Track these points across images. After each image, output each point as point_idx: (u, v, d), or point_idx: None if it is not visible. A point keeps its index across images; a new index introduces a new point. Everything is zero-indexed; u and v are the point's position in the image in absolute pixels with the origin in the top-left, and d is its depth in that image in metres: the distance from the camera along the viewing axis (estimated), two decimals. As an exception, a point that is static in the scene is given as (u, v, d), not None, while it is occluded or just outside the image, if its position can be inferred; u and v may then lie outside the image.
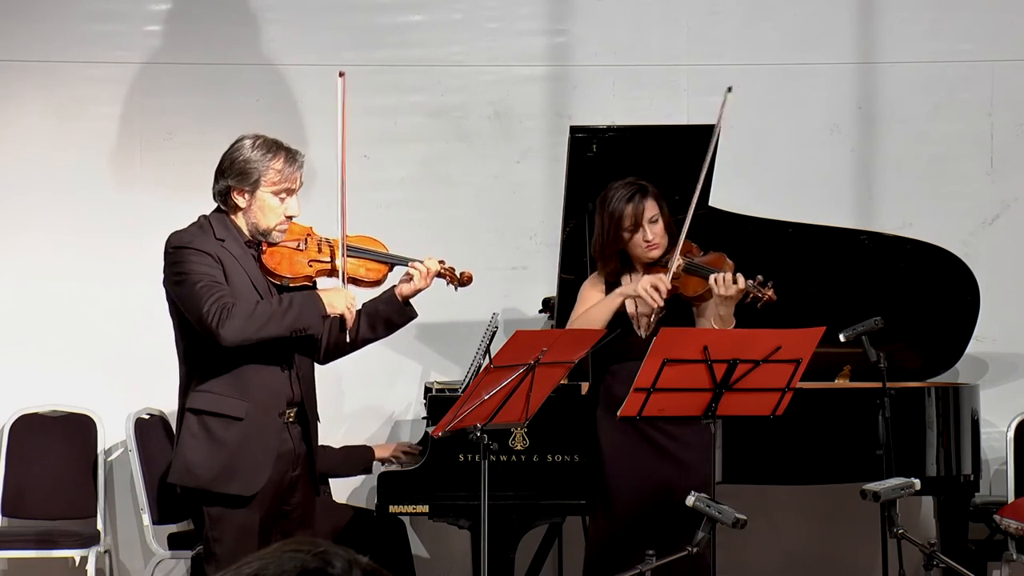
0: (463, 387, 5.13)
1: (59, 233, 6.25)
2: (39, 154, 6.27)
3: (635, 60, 6.38)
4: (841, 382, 5.72)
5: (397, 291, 4.41)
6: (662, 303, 4.72)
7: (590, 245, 4.95)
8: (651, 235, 4.81)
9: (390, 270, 4.44)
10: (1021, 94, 6.41)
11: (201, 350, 4.22)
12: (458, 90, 6.38)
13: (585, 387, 5.18)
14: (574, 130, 5.30)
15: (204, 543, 4.30)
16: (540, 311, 5.92)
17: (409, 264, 4.40)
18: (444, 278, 4.46)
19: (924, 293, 5.76)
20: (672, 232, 4.85)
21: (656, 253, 4.83)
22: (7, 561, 6.12)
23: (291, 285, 4.30)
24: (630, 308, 4.82)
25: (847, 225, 6.07)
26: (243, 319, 4.12)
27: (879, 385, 4.97)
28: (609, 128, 5.43)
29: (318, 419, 4.49)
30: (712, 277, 4.71)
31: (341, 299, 4.28)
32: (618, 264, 4.86)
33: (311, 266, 4.34)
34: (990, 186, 6.42)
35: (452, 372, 6.11)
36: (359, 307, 4.42)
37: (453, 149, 6.39)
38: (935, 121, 6.41)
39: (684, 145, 5.31)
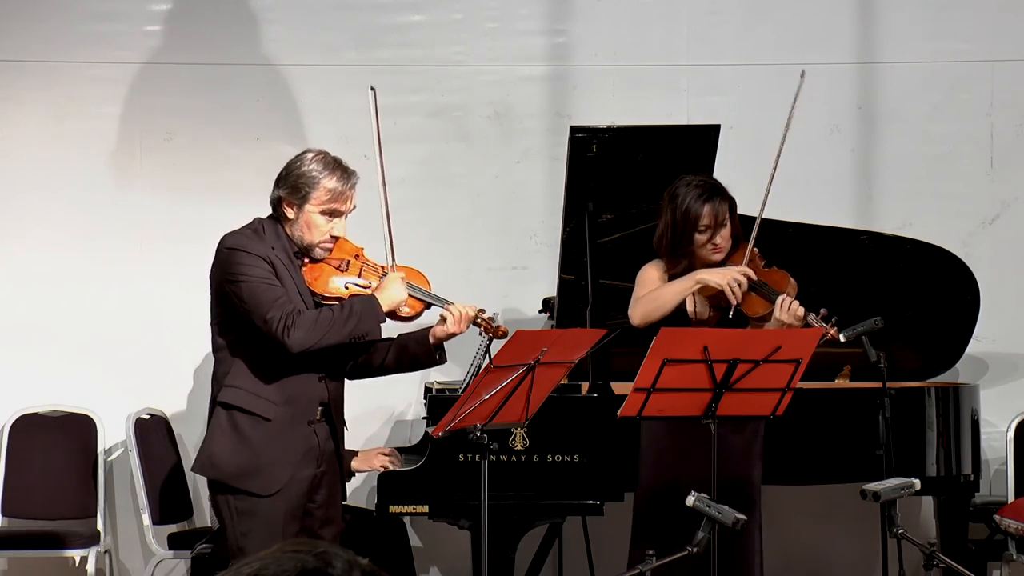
0: (463, 387, 5.13)
1: (59, 233, 6.25)
2: (39, 154, 6.27)
3: (635, 60, 6.37)
4: (841, 382, 5.72)
5: (431, 333, 4.46)
6: (741, 299, 4.68)
7: (657, 240, 4.81)
8: (719, 238, 4.76)
9: (426, 308, 4.47)
10: (1021, 94, 6.41)
11: (241, 347, 4.29)
12: (458, 90, 6.38)
13: (585, 387, 5.18)
14: (574, 130, 5.29)
15: (229, 538, 4.31)
16: (540, 311, 5.92)
17: (445, 307, 4.43)
18: (479, 327, 4.47)
19: (924, 293, 5.76)
20: (737, 234, 4.80)
21: (719, 257, 4.76)
22: (7, 561, 6.12)
23: (322, 303, 4.36)
24: (690, 306, 4.77)
25: (847, 225, 6.06)
26: (307, 328, 4.21)
27: (879, 385, 4.97)
28: (609, 128, 5.42)
29: (344, 423, 4.54)
30: (777, 300, 4.67)
31: (399, 292, 4.36)
32: (689, 263, 4.79)
33: (347, 288, 4.38)
34: (990, 186, 6.42)
35: (452, 372, 6.10)
36: (395, 336, 4.51)
37: (453, 149, 6.39)
38: (935, 121, 6.41)
39: (685, 145, 5.31)
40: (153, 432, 5.98)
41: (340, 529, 4.55)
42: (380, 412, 6.31)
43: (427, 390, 5.78)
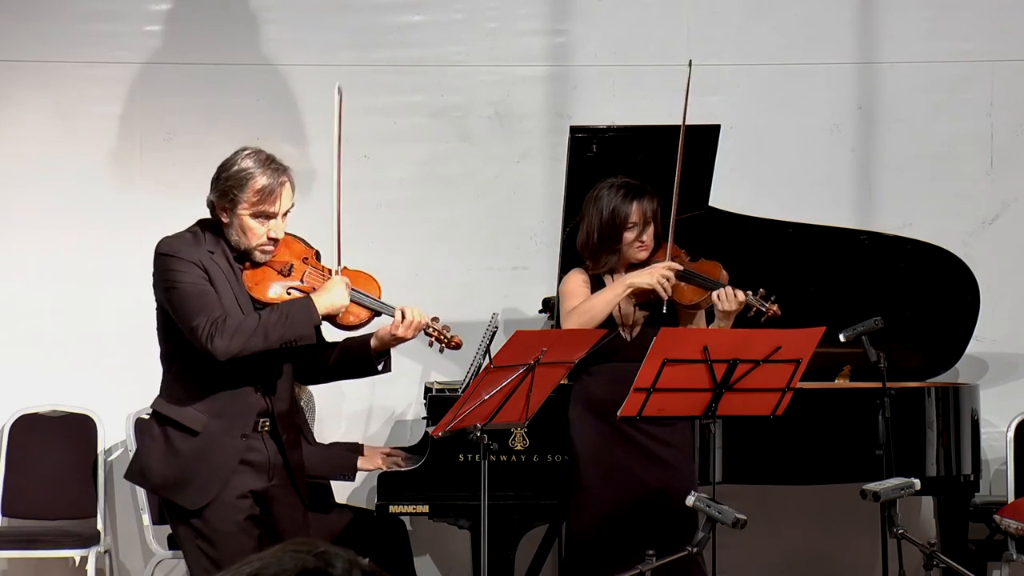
0: (463, 387, 5.13)
1: (59, 233, 6.25)
2: (39, 154, 6.27)
3: (635, 60, 6.37)
4: (841, 382, 5.72)
5: (375, 336, 4.21)
6: (671, 294, 4.74)
7: (583, 244, 4.89)
8: (646, 236, 4.82)
9: (375, 315, 4.21)
10: (1021, 94, 6.41)
11: (176, 356, 4.16)
12: (458, 90, 6.38)
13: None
14: (574, 130, 5.30)
15: (186, 555, 4.24)
16: (540, 311, 5.92)
17: (395, 309, 4.17)
18: (431, 337, 4.19)
19: (924, 293, 5.76)
20: (658, 235, 4.86)
21: (645, 255, 4.85)
22: (7, 561, 6.12)
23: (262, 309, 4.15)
24: (615, 309, 4.81)
25: (847, 225, 6.07)
26: (230, 335, 4.01)
27: (879, 385, 4.97)
28: (609, 128, 5.43)
29: (300, 432, 4.41)
30: (715, 293, 4.72)
31: (340, 295, 4.12)
32: (615, 262, 4.85)
33: (289, 294, 4.15)
34: (990, 186, 6.43)
35: (452, 372, 6.11)
36: (340, 340, 4.29)
37: (453, 149, 6.39)
38: (935, 121, 6.41)
39: (685, 145, 5.31)
40: (153, 432, 5.98)
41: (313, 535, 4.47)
42: (380, 412, 6.31)
43: (427, 390, 5.78)
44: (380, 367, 4.26)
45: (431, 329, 4.18)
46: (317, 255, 4.28)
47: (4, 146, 6.28)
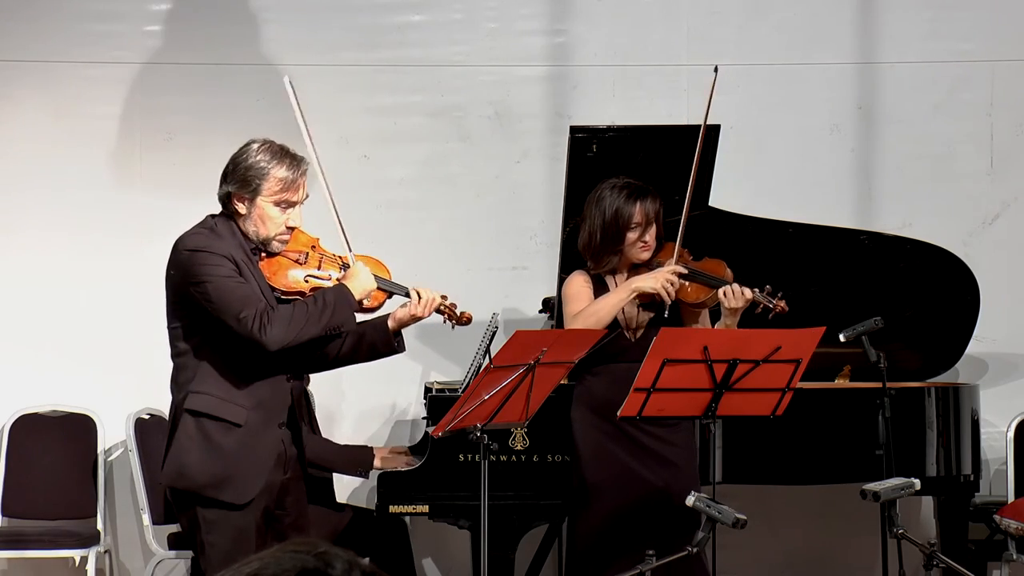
0: (463, 387, 5.13)
1: (59, 233, 6.25)
2: (39, 154, 6.27)
3: (635, 60, 6.38)
4: (841, 382, 5.72)
5: (392, 316, 4.29)
6: (675, 298, 4.74)
7: (584, 245, 4.87)
8: (648, 236, 4.82)
9: (388, 298, 4.32)
10: (1021, 94, 6.42)
11: (203, 351, 4.15)
12: (458, 90, 6.38)
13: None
14: (574, 130, 5.30)
15: (198, 547, 4.22)
16: (540, 311, 5.92)
17: (410, 290, 4.28)
18: (443, 315, 4.33)
19: (924, 293, 5.76)
20: (660, 235, 4.85)
21: (647, 255, 4.84)
22: (7, 561, 6.12)
23: (282, 297, 4.20)
24: (619, 312, 4.82)
25: (847, 225, 6.07)
26: (283, 325, 4.06)
27: (879, 385, 4.97)
28: (609, 128, 5.43)
29: (308, 422, 4.43)
30: (721, 291, 4.72)
31: (369, 280, 4.22)
32: (617, 263, 4.85)
33: (307, 281, 4.22)
34: (990, 186, 6.43)
35: (452, 372, 6.11)
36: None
37: (453, 149, 6.39)
38: (935, 121, 6.42)
39: (685, 145, 5.31)
40: (153, 432, 5.97)
41: (314, 534, 4.47)
42: (380, 412, 6.31)
43: (427, 390, 5.79)
44: (396, 345, 4.34)
45: (442, 307, 4.31)
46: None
47: (3, 146, 6.28)
